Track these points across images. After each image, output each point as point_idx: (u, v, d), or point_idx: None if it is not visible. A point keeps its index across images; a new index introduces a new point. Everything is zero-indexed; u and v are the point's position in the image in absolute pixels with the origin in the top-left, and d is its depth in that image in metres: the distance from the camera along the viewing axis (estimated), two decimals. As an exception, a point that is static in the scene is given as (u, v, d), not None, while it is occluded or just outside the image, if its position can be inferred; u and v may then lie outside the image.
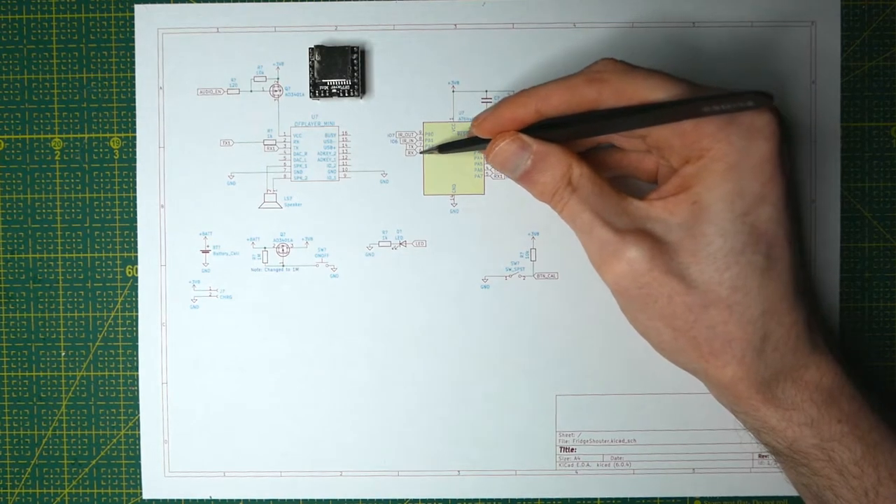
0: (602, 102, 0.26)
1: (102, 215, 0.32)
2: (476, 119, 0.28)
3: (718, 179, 0.25)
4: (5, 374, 0.32)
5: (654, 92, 0.25)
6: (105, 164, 0.32)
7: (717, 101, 0.23)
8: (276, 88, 0.31)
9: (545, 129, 0.27)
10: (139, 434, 0.32)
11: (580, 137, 0.28)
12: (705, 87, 0.25)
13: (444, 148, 0.30)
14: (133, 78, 0.32)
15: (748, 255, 0.25)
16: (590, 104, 0.26)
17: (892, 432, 0.26)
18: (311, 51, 0.30)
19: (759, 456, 0.31)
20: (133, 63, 0.32)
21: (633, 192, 0.27)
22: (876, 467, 0.26)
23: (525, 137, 0.27)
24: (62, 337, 0.32)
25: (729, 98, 0.23)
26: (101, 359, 0.32)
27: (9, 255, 0.32)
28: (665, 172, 0.27)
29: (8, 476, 0.32)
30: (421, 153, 0.31)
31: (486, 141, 0.28)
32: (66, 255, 0.32)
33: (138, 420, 0.32)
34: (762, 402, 0.26)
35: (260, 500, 0.32)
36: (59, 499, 0.32)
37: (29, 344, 0.32)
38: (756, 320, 0.25)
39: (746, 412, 0.27)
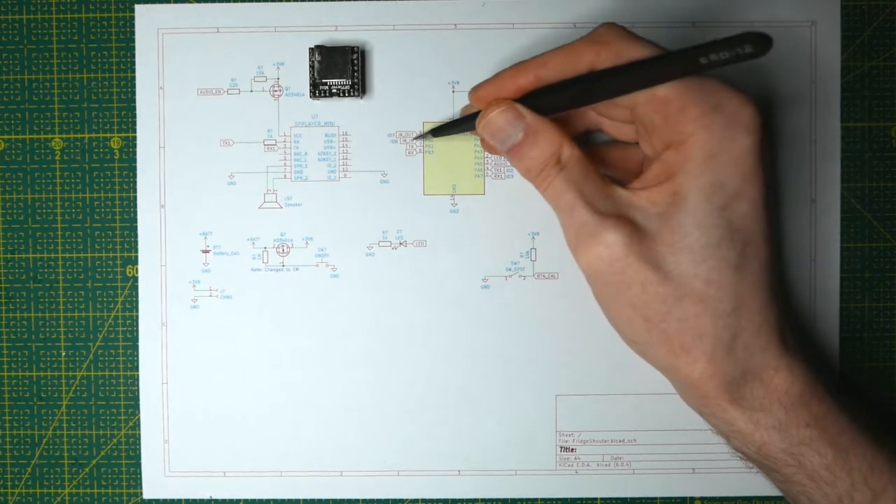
0: (600, 65, 0.25)
1: (103, 215, 0.32)
2: (473, 88, 0.27)
3: (699, 169, 0.24)
4: (5, 374, 0.32)
5: (650, 55, 0.25)
6: (105, 164, 0.32)
7: (714, 49, 0.22)
8: (277, 88, 0.31)
9: (540, 97, 0.26)
10: (139, 434, 0.32)
11: (576, 105, 0.27)
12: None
13: (437, 131, 0.30)
14: (133, 78, 0.32)
15: (723, 249, 0.25)
16: (588, 67, 0.25)
17: (864, 435, 0.26)
18: (311, 51, 0.30)
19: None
20: (133, 63, 0.32)
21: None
22: (849, 472, 0.25)
23: (520, 107, 0.26)
24: (62, 337, 0.32)
25: (725, 44, 0.22)
26: (101, 359, 0.32)
27: (9, 255, 0.32)
28: (649, 161, 0.27)
29: (8, 476, 0.32)
30: (414, 139, 0.31)
31: None
32: (67, 255, 0.32)
33: (138, 420, 0.32)
34: (729, 402, 0.26)
35: (260, 500, 0.32)
36: (59, 499, 0.32)
37: (29, 344, 0.32)
38: (727, 316, 0.25)
39: (714, 413, 0.26)
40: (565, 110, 0.27)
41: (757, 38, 0.22)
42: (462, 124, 0.29)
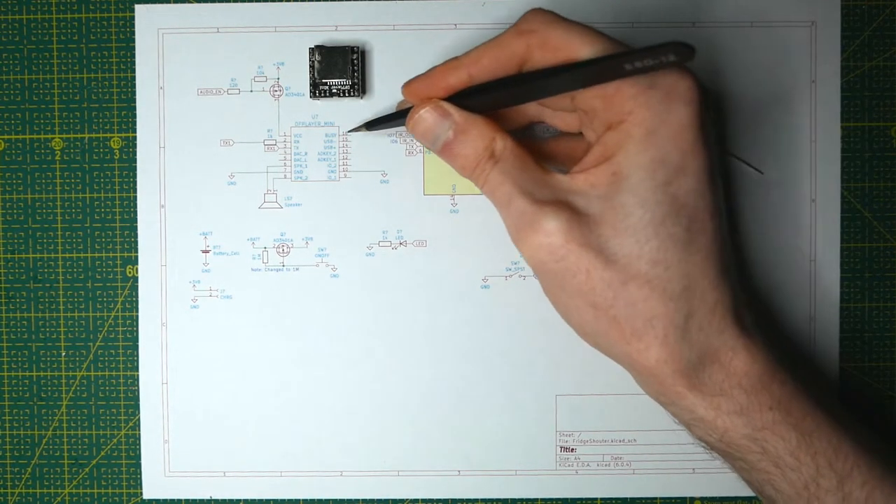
0: (530, 56, 0.25)
1: (103, 215, 0.32)
2: (406, 83, 0.27)
3: (638, 146, 0.24)
4: (5, 374, 0.32)
5: (579, 43, 0.24)
6: (105, 164, 0.32)
7: (639, 57, 0.22)
8: (277, 88, 0.31)
9: (471, 97, 0.26)
10: (139, 434, 0.32)
11: (507, 105, 0.27)
12: (629, 47, 0.24)
13: (372, 125, 0.30)
14: (133, 78, 0.32)
15: (668, 226, 0.24)
16: (519, 59, 0.25)
17: (828, 419, 0.25)
18: (312, 51, 0.30)
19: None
20: (133, 63, 0.32)
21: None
22: (813, 456, 0.24)
23: (446, 105, 0.26)
24: (62, 337, 0.32)
25: (649, 52, 0.22)
26: (101, 359, 0.32)
27: (9, 255, 0.32)
28: (591, 145, 0.26)
29: (8, 476, 0.32)
30: (348, 132, 0.31)
31: None
32: (67, 255, 0.32)
33: (138, 420, 0.32)
34: (688, 387, 0.25)
35: (260, 500, 0.32)
36: (59, 499, 0.32)
37: (29, 344, 0.32)
38: (678, 297, 0.24)
39: (673, 402, 0.26)
40: (497, 109, 0.27)
41: (680, 48, 0.22)
42: (396, 118, 0.28)
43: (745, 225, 0.31)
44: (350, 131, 0.31)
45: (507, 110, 0.28)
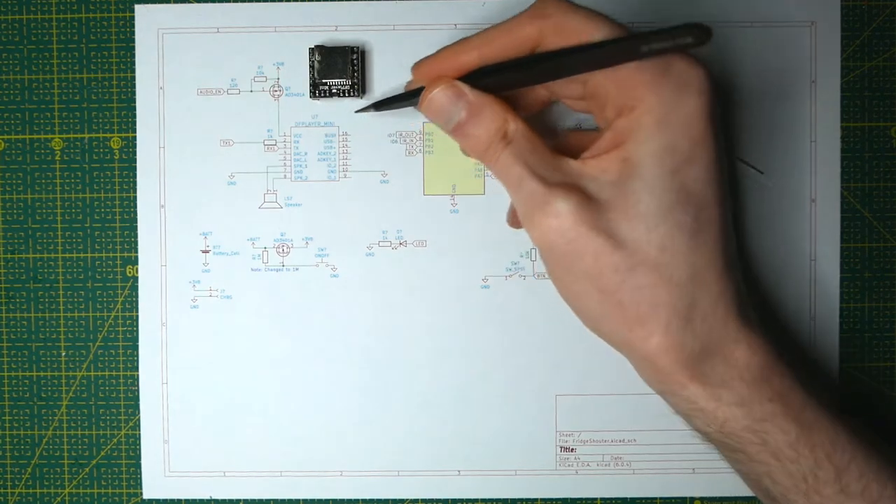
0: (543, 40, 0.25)
1: (102, 215, 0.32)
2: (416, 63, 0.27)
3: (648, 134, 0.24)
4: (5, 374, 0.32)
5: (593, 29, 0.24)
6: (105, 164, 0.32)
7: (655, 39, 0.22)
8: (277, 88, 0.31)
9: (483, 77, 0.26)
10: (139, 434, 0.32)
11: (520, 86, 0.27)
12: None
13: (380, 105, 0.29)
14: (133, 78, 0.32)
15: (677, 214, 0.24)
16: (532, 43, 0.25)
17: (826, 412, 0.25)
18: (311, 51, 0.30)
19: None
20: (133, 63, 0.32)
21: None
22: (812, 449, 0.25)
23: (461, 85, 0.26)
24: (62, 337, 0.32)
25: (666, 34, 0.22)
26: (101, 359, 0.32)
27: (9, 255, 0.32)
28: (602, 131, 0.27)
29: (8, 476, 0.32)
30: (356, 112, 0.30)
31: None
32: (67, 255, 0.32)
33: (138, 420, 0.32)
34: (689, 378, 0.25)
35: (260, 500, 0.32)
36: (59, 499, 0.32)
37: (29, 344, 0.32)
38: (684, 285, 0.24)
39: (674, 391, 0.26)
40: (509, 90, 0.27)
41: (696, 30, 0.22)
42: (406, 99, 0.28)
43: (745, 225, 0.31)
44: (358, 111, 0.30)
45: (517, 97, 0.28)
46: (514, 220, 0.30)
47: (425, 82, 0.27)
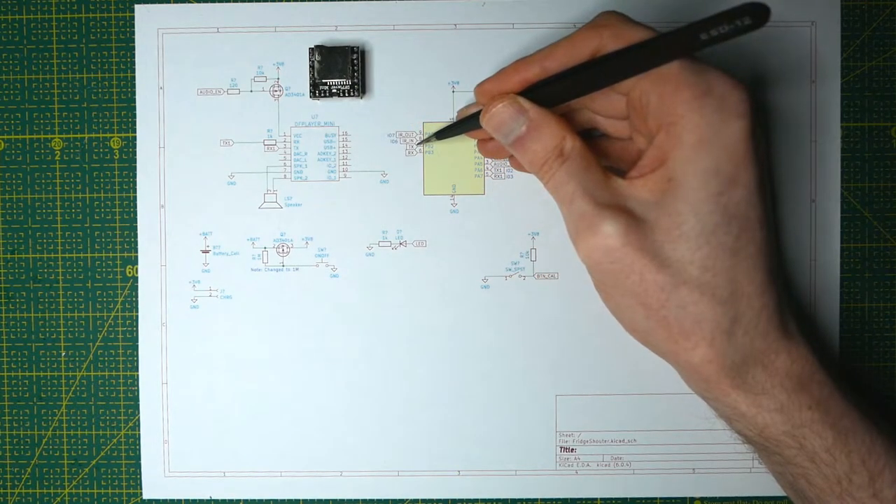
0: (603, 47, 0.26)
1: (102, 215, 0.32)
2: (479, 84, 0.28)
3: (692, 153, 0.25)
4: (5, 374, 0.32)
5: (650, 34, 0.25)
6: (105, 164, 0.32)
7: (714, 24, 0.23)
8: (276, 88, 0.31)
9: (542, 88, 0.27)
10: (139, 434, 0.32)
11: (579, 94, 0.27)
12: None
13: (441, 134, 0.30)
14: (133, 78, 0.32)
15: (719, 235, 0.25)
16: (592, 52, 0.26)
17: (863, 419, 0.26)
18: (311, 51, 0.30)
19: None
20: (133, 63, 0.32)
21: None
22: (848, 454, 0.26)
23: (522, 101, 0.27)
24: (62, 337, 0.32)
25: (724, 17, 0.22)
26: (101, 359, 0.32)
27: (9, 255, 0.32)
28: (644, 147, 0.27)
29: (8, 476, 0.32)
30: (418, 144, 0.31)
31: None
32: (67, 255, 0.32)
33: (138, 420, 0.32)
34: (731, 386, 0.26)
35: (260, 500, 0.32)
36: (59, 499, 0.32)
37: (29, 344, 0.32)
38: (726, 301, 0.25)
39: (716, 398, 0.27)
40: (569, 100, 0.27)
41: (755, 10, 0.22)
42: (465, 124, 0.29)
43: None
44: (420, 143, 0.31)
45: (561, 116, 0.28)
46: (491, 150, 0.30)
47: (486, 102, 0.27)
